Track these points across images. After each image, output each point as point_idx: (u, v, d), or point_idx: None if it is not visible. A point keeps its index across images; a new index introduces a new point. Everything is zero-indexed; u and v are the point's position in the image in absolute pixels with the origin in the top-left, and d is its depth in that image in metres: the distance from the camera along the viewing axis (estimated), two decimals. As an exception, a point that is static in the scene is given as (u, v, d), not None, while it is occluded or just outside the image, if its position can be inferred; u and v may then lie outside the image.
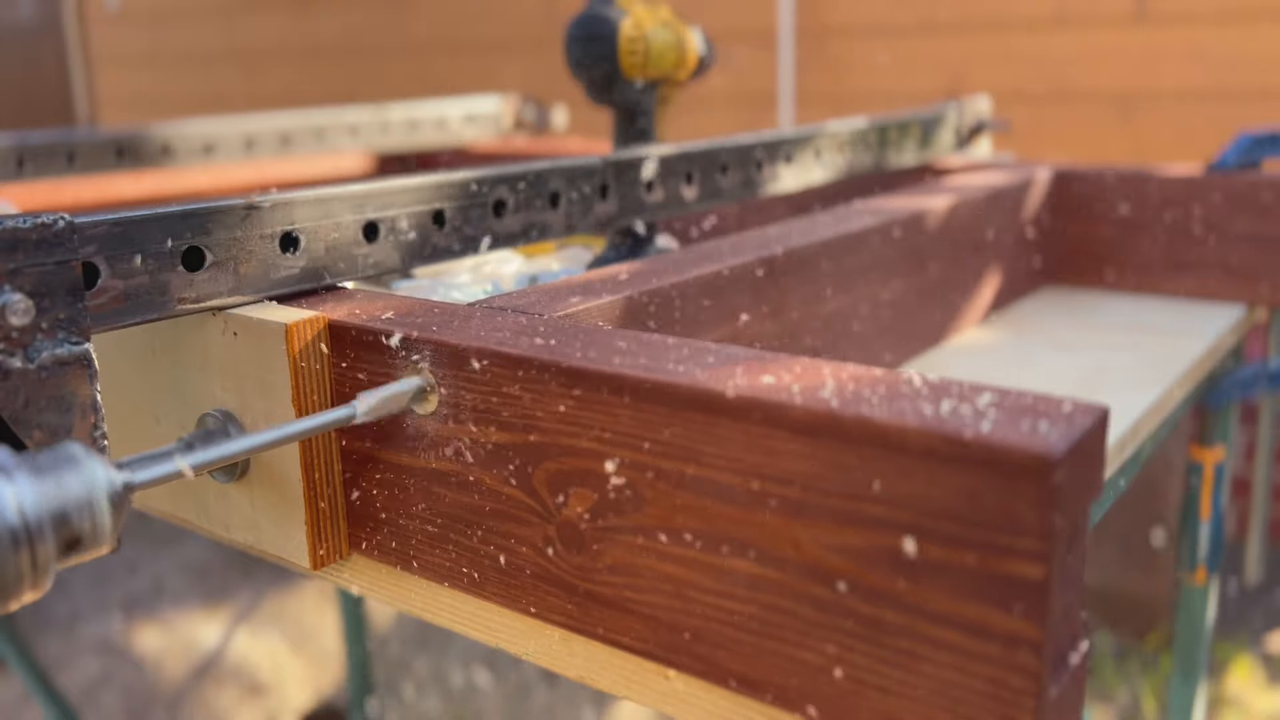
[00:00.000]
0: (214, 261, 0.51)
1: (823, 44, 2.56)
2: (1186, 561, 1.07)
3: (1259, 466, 1.18)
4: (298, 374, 0.50)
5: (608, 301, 0.54)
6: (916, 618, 0.36)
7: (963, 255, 0.85)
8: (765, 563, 0.39)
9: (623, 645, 0.45)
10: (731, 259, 0.62)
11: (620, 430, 0.42)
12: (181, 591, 2.47)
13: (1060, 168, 1.01)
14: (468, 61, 3.17)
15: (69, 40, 4.39)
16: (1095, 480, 0.36)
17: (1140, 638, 2.09)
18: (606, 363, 0.42)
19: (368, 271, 0.58)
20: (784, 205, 1.08)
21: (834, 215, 0.76)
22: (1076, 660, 0.37)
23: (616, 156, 0.72)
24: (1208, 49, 2.14)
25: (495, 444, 0.46)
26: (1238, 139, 0.96)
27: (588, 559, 0.44)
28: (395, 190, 0.59)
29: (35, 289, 0.43)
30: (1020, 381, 0.75)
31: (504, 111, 1.47)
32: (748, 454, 0.39)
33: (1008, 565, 0.34)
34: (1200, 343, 0.84)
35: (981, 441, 0.34)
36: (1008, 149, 2.03)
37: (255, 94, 3.71)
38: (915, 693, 0.37)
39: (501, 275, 0.83)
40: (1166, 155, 2.18)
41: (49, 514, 0.36)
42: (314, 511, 0.51)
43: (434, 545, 0.50)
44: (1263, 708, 1.88)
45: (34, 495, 0.35)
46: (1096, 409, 0.36)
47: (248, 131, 1.21)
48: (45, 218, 0.44)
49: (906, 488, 0.35)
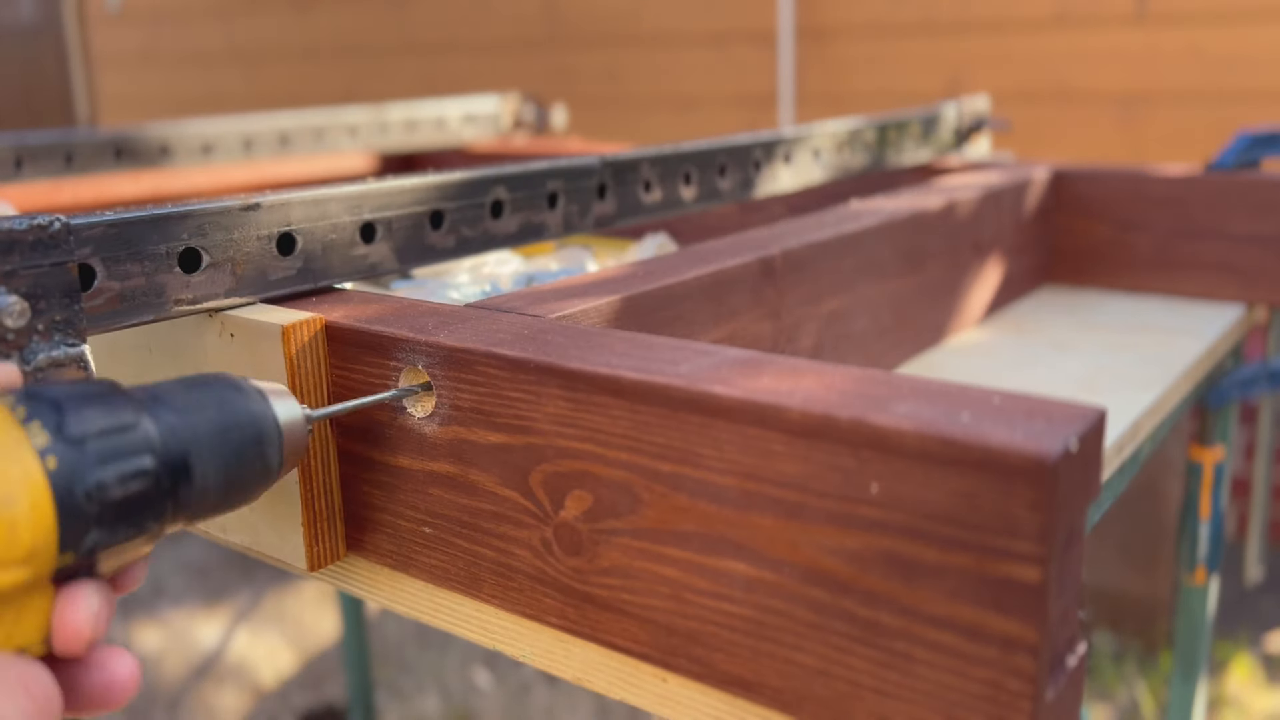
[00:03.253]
0: (211, 263, 0.51)
1: (823, 44, 2.56)
2: (1186, 561, 1.06)
3: (1259, 466, 1.18)
4: (295, 375, 0.50)
5: (605, 303, 0.54)
6: (913, 620, 0.36)
7: (962, 255, 0.85)
8: (762, 565, 0.39)
9: (619, 647, 0.44)
10: (729, 259, 0.62)
11: (617, 432, 0.42)
12: (181, 591, 2.47)
13: (1059, 167, 1.01)
14: (468, 61, 3.17)
15: (69, 40, 4.39)
16: (1093, 482, 0.36)
17: (1140, 638, 2.09)
18: (603, 364, 0.42)
19: (365, 272, 0.58)
20: (782, 205, 1.08)
21: (832, 215, 0.76)
22: (1074, 663, 0.37)
23: (615, 157, 0.72)
24: (1208, 49, 2.14)
25: (492, 446, 0.46)
26: (1237, 138, 0.96)
27: (584, 561, 0.44)
28: (393, 191, 0.59)
29: (31, 291, 0.43)
30: (1019, 381, 0.75)
31: (503, 111, 1.47)
32: (745, 456, 0.39)
33: (1004, 568, 0.34)
34: (1200, 342, 0.84)
35: (978, 444, 0.34)
36: (1007, 149, 2.03)
37: (254, 94, 3.71)
38: (911, 695, 0.37)
39: (500, 276, 0.83)
40: (1166, 155, 2.17)
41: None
42: (311, 513, 0.51)
43: (431, 547, 0.50)
44: (1262, 707, 1.88)
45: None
46: (1094, 411, 0.36)
47: (246, 132, 1.21)
48: (41, 219, 0.44)
49: (903, 490, 0.35)
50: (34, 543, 0.32)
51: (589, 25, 2.92)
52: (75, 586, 0.34)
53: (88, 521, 0.33)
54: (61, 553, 0.33)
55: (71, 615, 0.33)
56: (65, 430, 0.33)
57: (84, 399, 0.35)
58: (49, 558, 0.33)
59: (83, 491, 0.33)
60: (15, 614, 0.33)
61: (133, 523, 0.35)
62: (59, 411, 0.34)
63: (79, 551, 0.33)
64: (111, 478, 0.34)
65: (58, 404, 0.34)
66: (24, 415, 0.33)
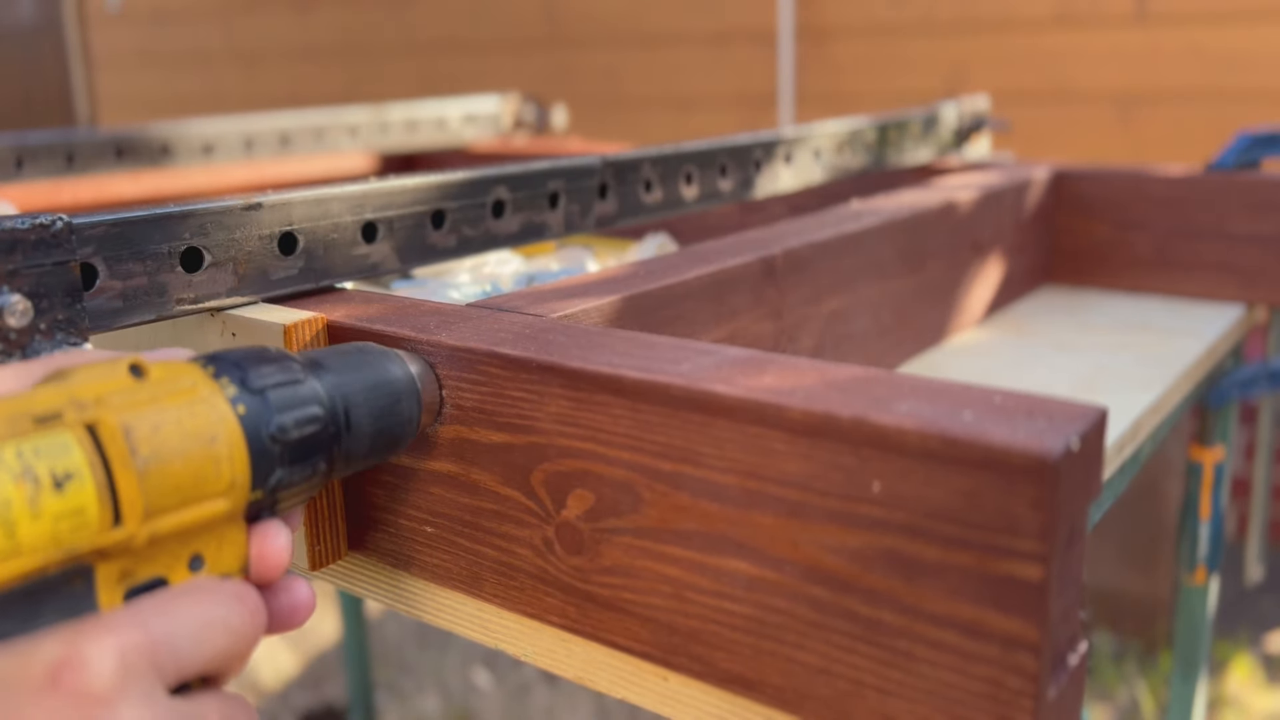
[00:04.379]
0: (212, 262, 0.51)
1: (823, 44, 2.56)
2: (1186, 561, 1.07)
3: (1259, 466, 1.18)
4: (296, 375, 0.50)
5: (607, 302, 0.54)
6: (914, 619, 0.36)
7: (962, 255, 0.85)
8: (763, 564, 0.39)
9: (621, 646, 0.44)
10: (730, 259, 0.62)
11: (619, 431, 0.42)
12: (181, 591, 2.47)
13: (1059, 167, 1.01)
14: (468, 61, 3.17)
15: (69, 40, 4.39)
16: (1094, 481, 0.36)
17: (1140, 638, 2.09)
18: (605, 364, 0.42)
19: (366, 272, 0.58)
20: (783, 205, 1.08)
21: (833, 215, 0.76)
22: (1075, 661, 0.37)
23: (616, 157, 0.72)
24: (1207, 49, 2.14)
25: (494, 445, 0.46)
26: (1237, 138, 0.96)
27: (586, 560, 0.44)
28: (394, 190, 0.59)
29: (33, 290, 0.43)
30: (1020, 381, 0.75)
31: (503, 111, 1.47)
32: (746, 455, 0.39)
33: (1006, 566, 0.34)
34: (1200, 342, 0.84)
35: (980, 442, 0.34)
36: (1007, 149, 2.03)
37: (255, 94, 3.71)
38: (913, 694, 0.37)
39: (500, 275, 0.83)
40: (1166, 155, 2.18)
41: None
42: (312, 511, 0.51)
43: (432, 546, 0.50)
44: (1262, 707, 1.88)
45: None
46: (1095, 410, 0.36)
47: (247, 132, 1.21)
48: (43, 218, 0.44)
49: (905, 489, 0.35)
50: (233, 477, 0.36)
51: (589, 25, 2.92)
52: (268, 522, 0.38)
53: (273, 460, 0.38)
54: (254, 489, 0.37)
55: (271, 545, 0.38)
56: (249, 383, 0.38)
57: (260, 358, 0.39)
58: (244, 492, 0.37)
59: (268, 434, 0.37)
60: (218, 543, 0.37)
61: (309, 463, 0.39)
62: (241, 369, 0.38)
63: (267, 488, 0.38)
64: (290, 421, 0.38)
65: (238, 363, 0.38)
66: (214, 372, 0.37)
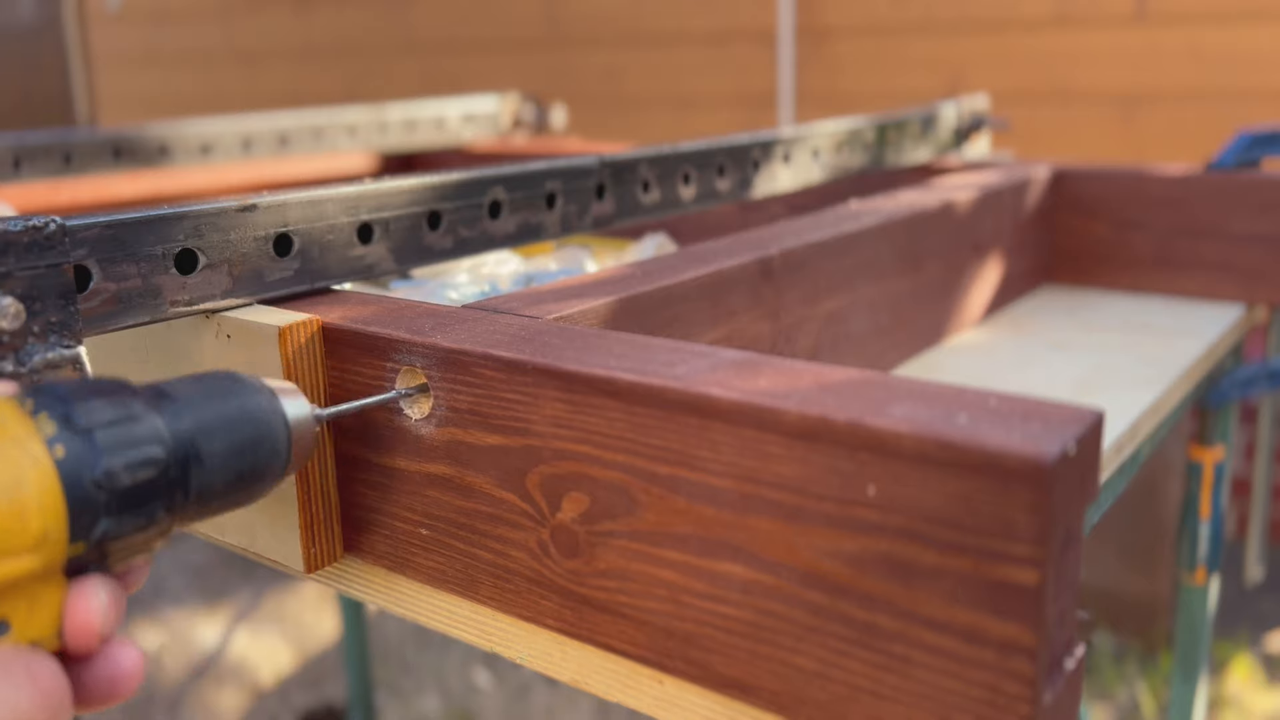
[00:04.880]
0: (207, 264, 0.51)
1: (823, 44, 2.55)
2: (1186, 561, 1.06)
3: (1259, 466, 1.18)
4: (291, 377, 0.49)
5: (603, 304, 0.53)
6: (910, 623, 0.36)
7: (961, 255, 0.85)
8: (759, 568, 0.39)
9: (617, 649, 0.44)
10: (728, 260, 0.62)
11: (614, 434, 0.42)
12: (181, 591, 2.47)
13: (1059, 167, 1.01)
14: (468, 61, 3.17)
15: (69, 40, 4.39)
16: (1091, 484, 0.36)
17: (1140, 638, 2.09)
18: (600, 366, 0.42)
19: (362, 273, 0.58)
20: (782, 205, 1.07)
21: (831, 215, 0.76)
22: (1072, 665, 0.37)
23: (614, 157, 0.72)
24: (1208, 49, 2.13)
25: (489, 447, 0.46)
26: (1237, 138, 0.96)
27: (582, 563, 0.44)
28: (390, 191, 0.59)
29: (26, 292, 0.43)
30: (1019, 382, 0.75)
31: (502, 111, 1.46)
32: (742, 458, 0.39)
33: (1002, 571, 0.34)
34: (1200, 342, 0.84)
35: (975, 446, 0.34)
36: (1007, 148, 2.03)
37: (254, 94, 3.71)
38: (909, 698, 0.36)
39: (499, 276, 0.83)
40: (1166, 155, 2.17)
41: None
42: (308, 515, 0.51)
43: (428, 548, 0.50)
44: (1262, 708, 1.88)
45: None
46: (1091, 413, 0.36)
47: (245, 132, 1.21)
48: (36, 220, 0.43)
49: (900, 492, 0.35)
50: (44, 529, 0.32)
51: (589, 25, 2.91)
52: (86, 580, 0.34)
53: (97, 509, 0.34)
54: (72, 542, 0.33)
55: (83, 607, 0.33)
56: (73, 420, 0.34)
57: (90, 392, 0.35)
58: (60, 546, 0.33)
59: (91, 479, 0.33)
60: (29, 605, 0.33)
61: (143, 512, 0.35)
62: (65, 404, 0.34)
63: (89, 541, 0.34)
64: (119, 465, 0.34)
65: (64, 397, 0.35)
66: (32, 408, 0.34)
